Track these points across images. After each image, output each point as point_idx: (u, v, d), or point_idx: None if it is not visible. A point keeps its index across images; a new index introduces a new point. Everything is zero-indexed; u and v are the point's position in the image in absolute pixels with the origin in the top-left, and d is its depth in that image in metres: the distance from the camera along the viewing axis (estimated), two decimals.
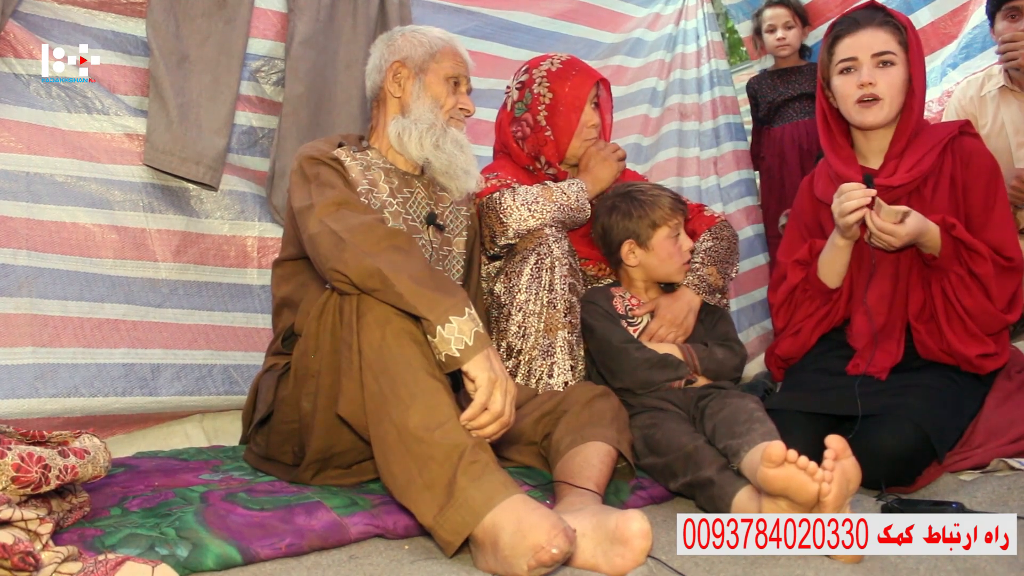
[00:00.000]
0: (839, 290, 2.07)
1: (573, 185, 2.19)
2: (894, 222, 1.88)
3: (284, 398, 1.71)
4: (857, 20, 2.03)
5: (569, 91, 2.25)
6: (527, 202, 2.09)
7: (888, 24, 2.00)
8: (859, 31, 2.01)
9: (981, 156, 2.02)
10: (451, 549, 1.37)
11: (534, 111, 2.26)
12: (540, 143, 2.26)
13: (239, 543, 1.39)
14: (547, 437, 1.84)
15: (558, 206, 2.13)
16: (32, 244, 2.02)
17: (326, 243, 1.60)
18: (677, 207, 2.18)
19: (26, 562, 1.14)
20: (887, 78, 1.98)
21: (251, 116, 2.46)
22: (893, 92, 1.99)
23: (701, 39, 3.47)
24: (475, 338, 1.48)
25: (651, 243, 2.16)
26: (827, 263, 2.06)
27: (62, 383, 1.99)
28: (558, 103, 2.25)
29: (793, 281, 2.12)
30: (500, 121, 2.36)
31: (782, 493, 1.43)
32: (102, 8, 2.23)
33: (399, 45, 1.98)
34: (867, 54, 1.99)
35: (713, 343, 2.15)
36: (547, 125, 2.25)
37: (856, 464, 1.44)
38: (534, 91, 2.27)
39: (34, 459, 1.29)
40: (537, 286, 2.04)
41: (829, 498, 1.39)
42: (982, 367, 1.97)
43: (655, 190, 2.21)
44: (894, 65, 1.98)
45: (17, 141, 2.05)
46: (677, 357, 2.06)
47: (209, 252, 2.31)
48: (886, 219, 1.88)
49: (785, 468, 1.41)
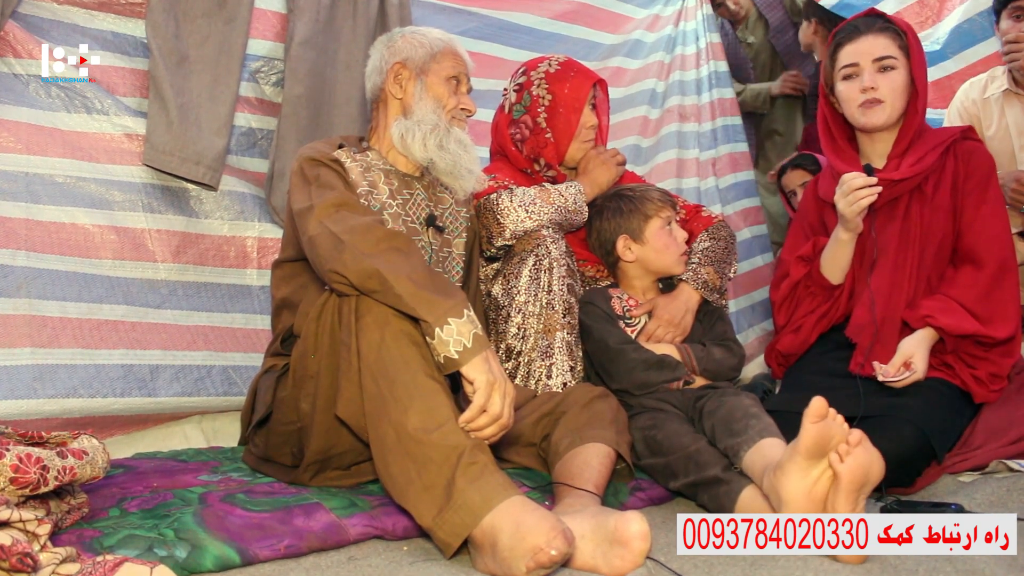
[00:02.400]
0: (841, 287, 2.09)
1: (571, 188, 2.19)
2: (902, 370, 1.94)
3: (283, 399, 1.71)
4: (858, 27, 2.08)
5: (568, 92, 2.24)
6: (524, 203, 2.09)
7: (888, 30, 2.05)
8: (860, 37, 2.06)
9: (979, 156, 2.07)
10: (450, 551, 1.37)
11: (533, 113, 2.25)
12: (540, 145, 2.26)
13: (238, 544, 1.39)
14: (546, 438, 1.83)
15: (555, 208, 2.13)
16: (31, 245, 2.02)
17: (325, 244, 1.60)
18: (665, 199, 2.22)
19: (24, 563, 1.14)
20: (888, 82, 2.03)
21: (250, 117, 2.45)
22: (894, 95, 2.03)
23: (700, 40, 3.46)
24: (474, 340, 1.48)
25: (645, 236, 2.18)
26: (830, 258, 2.09)
27: (61, 384, 1.98)
28: (557, 104, 2.24)
29: (796, 277, 2.15)
30: (497, 123, 2.36)
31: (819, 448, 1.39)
32: (101, 9, 2.22)
33: (399, 46, 1.98)
34: (868, 59, 2.04)
35: (711, 343, 2.15)
36: (547, 127, 2.25)
37: (881, 460, 1.42)
38: (533, 93, 2.26)
39: (32, 460, 1.29)
40: (535, 287, 2.04)
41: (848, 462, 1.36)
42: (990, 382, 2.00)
43: (640, 187, 2.25)
44: (895, 69, 2.03)
45: (16, 141, 2.05)
46: (675, 358, 2.07)
47: (209, 253, 2.31)
48: (896, 373, 1.94)
49: (828, 422, 1.39)
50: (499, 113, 2.36)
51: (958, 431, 1.95)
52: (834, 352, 2.10)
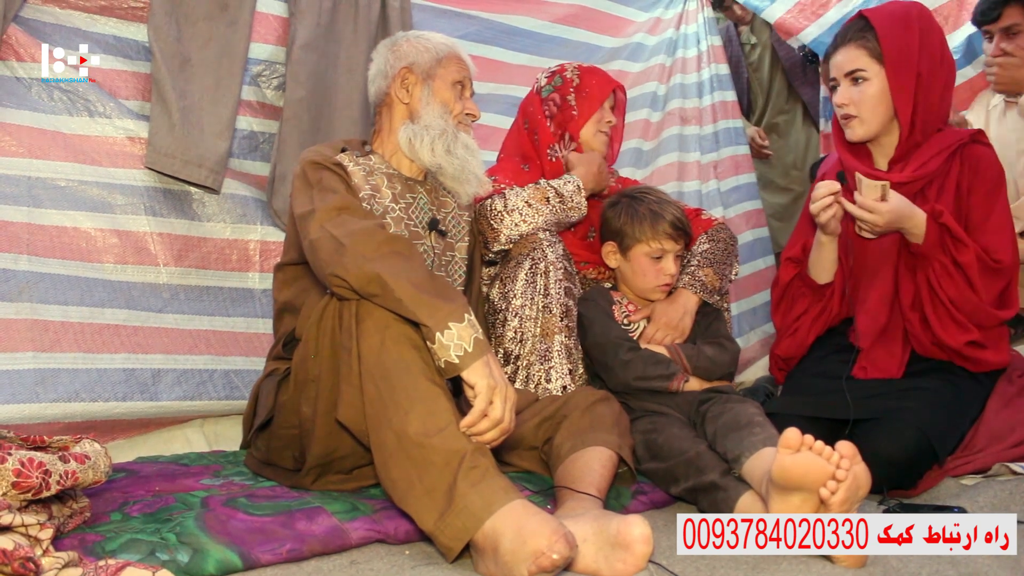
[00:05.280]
0: (830, 286, 2.09)
1: (569, 184, 2.19)
2: (875, 199, 1.88)
3: (284, 403, 1.71)
4: (836, 39, 2.08)
5: (596, 82, 2.37)
6: (517, 207, 2.11)
7: (859, 39, 2.01)
8: (837, 51, 2.06)
9: (988, 163, 2.04)
10: (452, 555, 1.37)
11: (563, 92, 2.36)
12: (567, 120, 2.33)
13: (240, 548, 1.39)
14: (548, 442, 1.83)
15: (550, 208, 2.14)
16: (33, 249, 2.02)
17: (326, 248, 1.60)
18: (671, 233, 2.15)
19: (26, 568, 1.14)
20: (859, 96, 2.01)
21: (252, 121, 2.46)
22: (864, 108, 2.01)
23: (701, 43, 3.47)
24: (474, 344, 1.48)
25: (630, 254, 2.19)
26: (814, 260, 2.10)
27: (63, 388, 1.98)
28: (584, 87, 2.36)
29: (784, 279, 2.17)
30: (530, 101, 2.42)
31: (798, 483, 1.40)
32: (103, 13, 2.23)
33: (405, 51, 1.99)
34: (841, 74, 2.04)
35: (702, 341, 2.15)
36: (575, 105, 2.34)
37: (867, 471, 1.43)
38: (565, 76, 2.38)
39: (35, 464, 1.29)
40: (532, 291, 2.05)
41: (836, 497, 1.37)
42: (976, 360, 1.96)
43: (662, 206, 2.18)
44: (867, 80, 2.00)
45: (18, 145, 2.05)
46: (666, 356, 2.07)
47: (211, 256, 2.31)
48: (867, 195, 1.89)
49: (803, 454, 1.39)
50: (531, 94, 2.44)
51: (960, 434, 1.95)
52: (835, 355, 2.10)
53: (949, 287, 1.93)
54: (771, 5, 3.23)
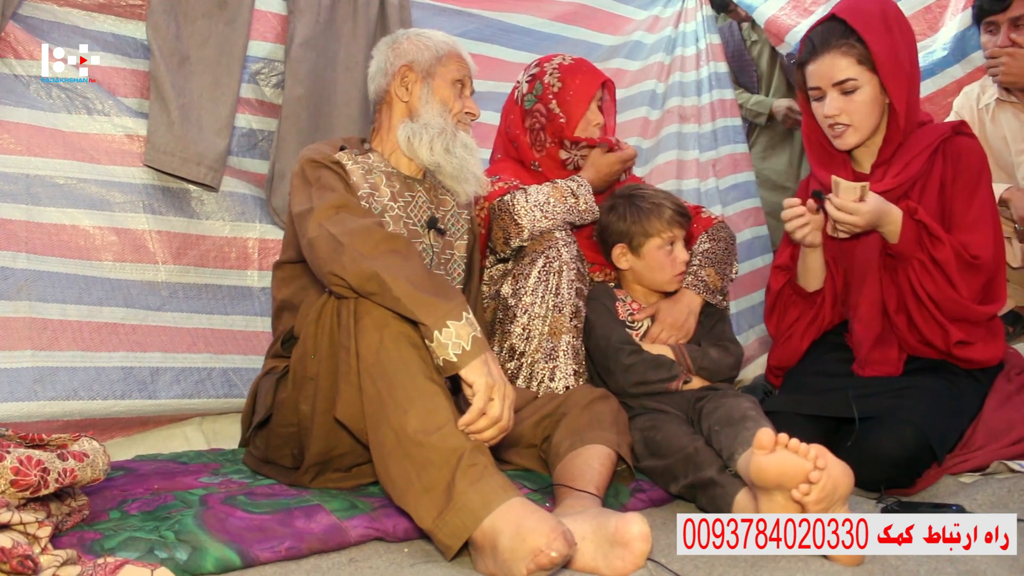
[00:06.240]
0: (821, 293, 2.08)
1: (581, 187, 2.19)
2: (854, 199, 1.87)
3: (283, 401, 1.71)
4: (815, 45, 1.99)
5: (579, 83, 2.28)
6: (539, 203, 2.10)
7: (846, 45, 1.94)
8: (818, 58, 1.97)
9: (970, 154, 2.00)
10: (450, 552, 1.37)
11: (545, 100, 2.27)
12: (558, 129, 2.27)
13: (238, 546, 1.39)
14: (547, 440, 1.83)
15: (567, 207, 2.13)
16: (31, 247, 2.02)
17: (324, 246, 1.60)
18: (677, 219, 2.17)
19: (25, 566, 1.14)
20: (851, 105, 1.96)
21: (251, 118, 2.45)
22: (859, 116, 1.97)
23: (700, 42, 3.46)
24: (472, 343, 1.48)
25: (643, 251, 2.17)
26: (801, 269, 2.08)
27: (61, 386, 1.98)
28: (567, 90, 2.27)
29: (775, 287, 2.15)
30: (508, 112, 2.37)
31: (777, 483, 1.40)
32: (102, 10, 2.22)
33: (405, 48, 1.98)
34: (828, 83, 1.97)
35: (707, 343, 2.15)
36: (560, 112, 2.26)
37: (847, 470, 1.42)
38: (545, 81, 2.29)
39: (33, 462, 1.29)
40: (544, 289, 2.04)
41: (810, 498, 1.36)
42: (966, 359, 1.96)
43: (659, 197, 2.20)
44: (859, 88, 1.95)
45: (17, 143, 2.05)
46: (670, 357, 2.07)
47: (210, 254, 2.31)
48: (845, 197, 1.87)
49: (778, 453, 1.39)
50: (510, 104, 2.37)
51: (959, 432, 1.95)
52: (833, 353, 2.10)
53: (929, 285, 1.92)
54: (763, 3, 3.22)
